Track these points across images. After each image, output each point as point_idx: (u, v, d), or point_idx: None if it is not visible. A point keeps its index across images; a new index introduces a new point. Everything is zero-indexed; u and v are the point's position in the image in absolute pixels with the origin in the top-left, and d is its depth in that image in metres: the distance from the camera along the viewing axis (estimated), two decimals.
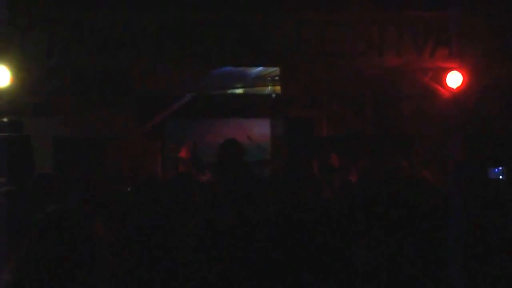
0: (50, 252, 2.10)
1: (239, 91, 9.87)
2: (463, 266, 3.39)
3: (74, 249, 2.13)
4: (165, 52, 7.55)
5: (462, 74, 7.98)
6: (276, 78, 9.50)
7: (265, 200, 4.83)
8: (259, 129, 11.23)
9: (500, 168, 7.39)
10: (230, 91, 9.76)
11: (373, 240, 3.67)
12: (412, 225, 3.78)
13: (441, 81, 8.11)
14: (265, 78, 9.69)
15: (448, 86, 8.06)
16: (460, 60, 7.98)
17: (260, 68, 9.39)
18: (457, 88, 8.02)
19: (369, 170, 5.22)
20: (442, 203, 3.97)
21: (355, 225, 3.94)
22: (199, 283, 3.61)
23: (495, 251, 3.61)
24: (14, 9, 7.23)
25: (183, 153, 8.71)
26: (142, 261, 3.78)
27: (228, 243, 3.84)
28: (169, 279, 3.75)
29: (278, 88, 9.67)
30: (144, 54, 7.52)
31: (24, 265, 2.12)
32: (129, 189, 5.33)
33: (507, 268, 3.56)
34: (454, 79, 8.01)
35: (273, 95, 10.11)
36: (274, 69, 9.34)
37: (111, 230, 3.35)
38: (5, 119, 7.83)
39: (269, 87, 9.83)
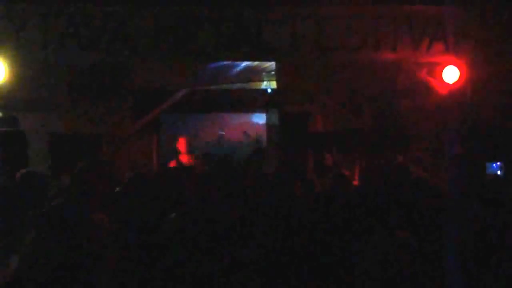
0: (52, 246, 2.11)
1: (235, 85, 9.84)
2: (462, 266, 3.38)
3: (76, 243, 2.14)
4: (160, 47, 7.53)
5: (458, 69, 7.97)
6: (272, 72, 9.48)
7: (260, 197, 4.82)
8: (255, 124, 11.22)
9: (498, 163, 7.38)
10: (226, 85, 9.73)
11: (374, 239, 3.66)
12: (412, 224, 3.77)
13: (438, 76, 8.10)
14: (260, 72, 9.66)
15: (444, 81, 8.05)
16: (457, 55, 7.97)
17: (256, 63, 9.35)
18: (453, 83, 8.01)
19: (370, 171, 5.19)
20: (441, 202, 3.95)
21: (356, 224, 3.93)
22: (197, 280, 3.60)
23: (495, 250, 3.59)
24: (9, 3, 7.21)
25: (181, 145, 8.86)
26: (136, 256, 3.76)
27: (226, 241, 3.82)
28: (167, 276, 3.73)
29: (274, 82, 9.64)
30: (139, 49, 7.49)
31: (28, 259, 2.13)
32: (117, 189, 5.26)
33: (506, 267, 3.55)
34: (451, 74, 8.00)
35: (269, 90, 10.09)
36: (270, 63, 9.31)
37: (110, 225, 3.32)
38: None
39: (265, 82, 9.80)
